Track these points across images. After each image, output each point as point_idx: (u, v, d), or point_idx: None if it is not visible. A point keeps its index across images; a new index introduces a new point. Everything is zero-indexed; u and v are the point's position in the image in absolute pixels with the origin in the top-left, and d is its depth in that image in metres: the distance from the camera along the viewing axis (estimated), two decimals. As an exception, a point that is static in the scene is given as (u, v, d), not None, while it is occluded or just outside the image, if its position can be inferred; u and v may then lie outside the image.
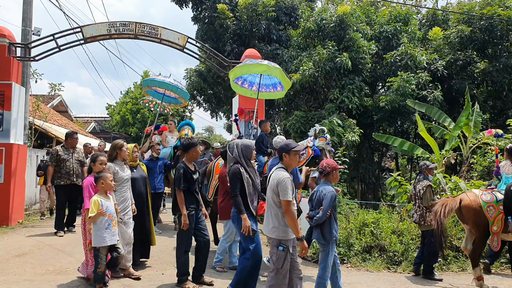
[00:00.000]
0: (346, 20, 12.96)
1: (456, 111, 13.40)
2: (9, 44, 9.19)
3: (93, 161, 4.90)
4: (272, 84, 7.43)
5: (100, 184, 4.60)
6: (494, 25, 13.22)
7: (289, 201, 3.73)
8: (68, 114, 22.75)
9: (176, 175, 4.80)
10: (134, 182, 5.36)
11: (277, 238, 3.83)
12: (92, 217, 4.44)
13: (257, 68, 6.57)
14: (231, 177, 4.41)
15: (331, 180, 4.50)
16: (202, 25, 16.28)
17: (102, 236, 4.49)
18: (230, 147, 4.62)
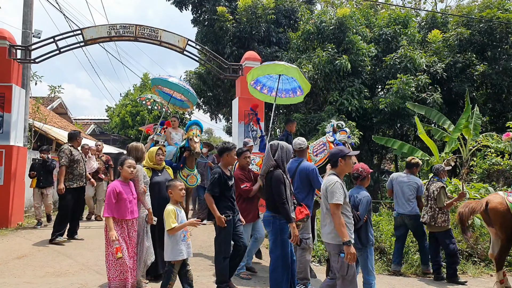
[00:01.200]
0: (346, 23, 12.98)
1: (456, 113, 13.41)
2: (9, 46, 9.21)
3: (121, 164, 4.54)
4: (292, 89, 7.21)
5: (169, 193, 4.32)
6: (493, 28, 13.26)
7: (337, 204, 3.67)
8: (68, 116, 22.76)
9: (211, 179, 4.66)
10: (159, 187, 5.04)
11: (337, 243, 3.74)
12: (173, 229, 4.08)
13: (274, 69, 6.34)
14: (276, 183, 4.28)
15: (364, 184, 4.54)
16: (202, 28, 16.29)
17: (179, 248, 4.11)
18: (273, 149, 4.46)
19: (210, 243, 7.48)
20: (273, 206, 4.35)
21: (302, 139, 5.38)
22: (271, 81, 7.09)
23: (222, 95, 17.73)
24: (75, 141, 7.70)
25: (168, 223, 4.09)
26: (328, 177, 3.88)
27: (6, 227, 8.45)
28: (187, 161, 7.31)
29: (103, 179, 10.18)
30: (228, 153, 4.82)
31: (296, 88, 7.07)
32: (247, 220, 5.13)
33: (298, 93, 7.13)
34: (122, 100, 26.77)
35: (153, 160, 5.17)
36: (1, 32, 9.23)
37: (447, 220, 5.84)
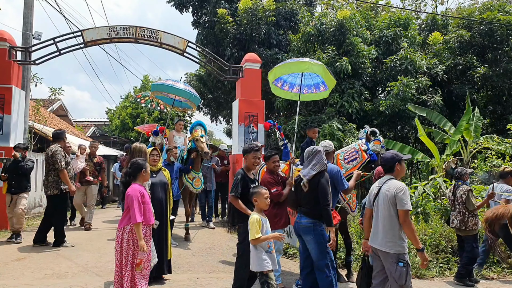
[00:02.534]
0: (346, 25, 12.99)
1: (456, 115, 13.40)
2: (9, 48, 9.20)
3: (141, 169, 4.27)
4: (314, 84, 6.93)
5: (253, 201, 4.06)
6: (494, 30, 13.26)
7: (408, 210, 3.58)
8: (68, 118, 22.75)
9: (234, 181, 4.55)
10: (153, 188, 4.95)
11: (396, 253, 3.61)
12: (257, 239, 3.84)
13: (298, 66, 6.04)
14: (324, 186, 4.19)
15: None
16: (202, 30, 16.31)
17: (264, 258, 3.86)
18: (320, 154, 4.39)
19: (211, 245, 7.46)
20: (314, 213, 4.24)
21: (329, 142, 5.28)
22: (292, 77, 6.78)
23: (222, 97, 17.74)
24: (62, 141, 7.31)
25: (252, 233, 3.86)
26: (393, 182, 3.74)
27: (6, 228, 8.40)
28: (194, 163, 7.20)
29: (93, 182, 9.17)
30: (247, 155, 4.72)
31: (319, 83, 6.81)
32: (279, 226, 4.91)
33: (321, 88, 6.84)
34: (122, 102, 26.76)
35: (148, 160, 5.01)
36: (1, 33, 9.22)
37: (477, 223, 5.85)
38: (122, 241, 4.01)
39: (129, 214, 4.01)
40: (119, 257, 4.01)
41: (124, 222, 4.05)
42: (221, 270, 5.90)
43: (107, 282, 5.07)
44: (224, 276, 5.55)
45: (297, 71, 6.23)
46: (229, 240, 7.97)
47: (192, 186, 7.23)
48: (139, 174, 4.23)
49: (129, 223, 4.01)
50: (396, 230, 3.63)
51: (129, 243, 4.01)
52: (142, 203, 4.09)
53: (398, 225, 3.62)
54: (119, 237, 4.05)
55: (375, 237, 3.78)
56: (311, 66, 5.94)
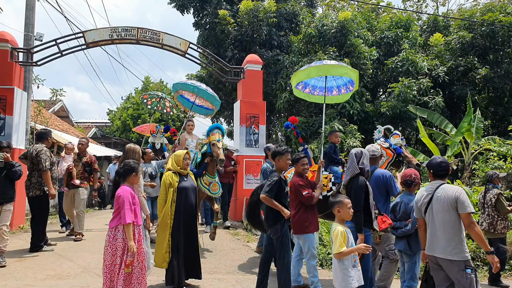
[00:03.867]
0: (347, 26, 13.01)
1: (458, 117, 13.40)
2: (11, 49, 9.22)
3: (135, 171, 4.20)
4: (341, 85, 6.74)
5: (336, 211, 3.76)
6: (495, 31, 13.27)
7: (471, 213, 3.45)
8: (69, 119, 22.77)
9: (268, 181, 4.46)
10: (186, 193, 4.80)
11: (462, 260, 3.43)
12: (341, 253, 3.53)
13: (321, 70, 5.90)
14: (356, 190, 4.11)
15: (414, 191, 4.47)
16: (203, 31, 16.34)
17: (350, 275, 3.55)
18: (357, 157, 4.32)
19: (213, 247, 7.45)
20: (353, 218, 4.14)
21: (376, 147, 5.19)
22: (315, 80, 6.60)
23: (223, 98, 17.73)
24: (46, 141, 6.90)
25: (336, 246, 3.54)
26: (449, 186, 3.64)
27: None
28: (208, 167, 6.89)
29: (80, 185, 7.84)
30: (280, 158, 4.64)
31: (346, 84, 6.62)
32: (309, 230, 4.79)
33: (350, 88, 6.65)
34: (123, 103, 26.81)
35: (180, 164, 4.89)
36: (3, 35, 9.25)
37: (507, 227, 5.83)
38: (116, 241, 3.92)
39: (119, 214, 3.95)
40: (110, 258, 3.90)
41: (115, 222, 3.97)
42: (223, 271, 5.90)
43: (109, 283, 5.08)
44: (226, 278, 5.56)
45: (321, 75, 6.08)
46: (230, 241, 7.96)
47: (209, 192, 6.90)
48: (129, 176, 4.15)
49: (120, 222, 3.95)
50: (459, 236, 3.47)
51: (124, 243, 3.92)
52: (133, 204, 4.04)
53: (461, 230, 3.47)
54: (110, 237, 3.96)
55: (434, 246, 3.58)
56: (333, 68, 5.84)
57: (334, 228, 3.65)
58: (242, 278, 5.61)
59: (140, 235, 4.16)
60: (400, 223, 4.38)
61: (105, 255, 3.94)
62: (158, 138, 9.38)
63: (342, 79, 6.52)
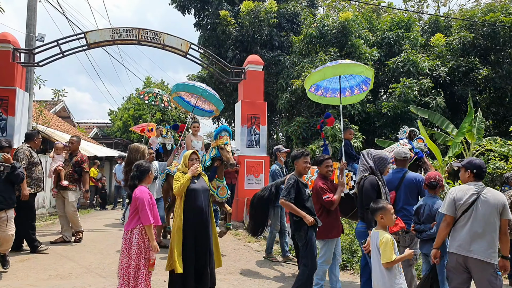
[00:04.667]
0: (348, 27, 13.02)
1: (459, 117, 13.40)
2: (13, 50, 9.25)
3: (147, 171, 4.13)
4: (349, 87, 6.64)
5: (379, 218, 3.65)
6: (496, 32, 13.26)
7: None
8: (71, 119, 22.80)
9: (286, 185, 4.38)
10: (195, 195, 4.51)
11: (496, 263, 3.52)
12: (392, 261, 3.44)
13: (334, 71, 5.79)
14: (367, 189, 4.08)
15: (437, 193, 4.46)
16: (204, 32, 16.37)
17: (399, 283, 3.48)
18: (366, 156, 4.30)
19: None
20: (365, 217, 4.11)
21: (406, 148, 5.09)
22: (326, 81, 6.49)
23: (224, 99, 17.73)
24: (32, 142, 6.76)
25: (387, 255, 3.44)
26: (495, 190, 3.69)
27: None
28: (217, 171, 6.69)
29: (69, 187, 7.41)
30: (296, 161, 4.57)
31: (359, 84, 6.52)
32: (332, 235, 4.66)
33: (363, 87, 6.53)
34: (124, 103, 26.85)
35: (187, 164, 4.67)
36: (5, 36, 9.28)
37: None
38: (131, 244, 3.87)
39: (137, 216, 3.92)
40: (127, 261, 3.85)
41: (132, 225, 3.91)
42: (224, 272, 5.90)
43: (111, 283, 5.09)
44: (227, 278, 5.57)
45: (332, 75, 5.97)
46: (231, 242, 7.97)
47: (217, 196, 6.64)
48: (146, 176, 4.11)
49: (137, 225, 3.91)
50: (497, 240, 3.55)
51: (139, 245, 3.89)
52: (152, 205, 3.99)
53: (497, 234, 3.55)
54: (127, 240, 3.90)
55: (472, 247, 3.55)
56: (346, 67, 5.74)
57: (381, 235, 3.53)
58: (243, 279, 5.62)
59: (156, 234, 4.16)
60: (424, 226, 4.32)
61: (122, 257, 3.90)
62: (168, 139, 9.17)
63: (355, 79, 6.43)
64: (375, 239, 3.57)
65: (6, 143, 5.75)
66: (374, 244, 3.59)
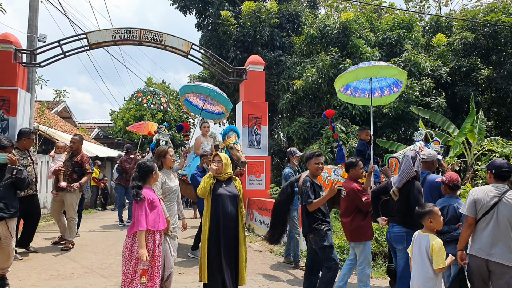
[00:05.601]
0: (350, 27, 13.01)
1: (460, 117, 13.38)
2: (15, 50, 9.27)
3: (151, 171, 3.96)
4: (379, 88, 6.62)
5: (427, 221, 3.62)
6: (498, 32, 13.25)
7: None
8: (72, 120, 22.84)
9: (303, 189, 4.34)
10: (221, 200, 4.19)
11: None
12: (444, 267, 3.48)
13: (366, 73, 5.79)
14: (416, 197, 4.07)
15: (456, 194, 4.47)
16: (205, 32, 16.39)
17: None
18: (412, 159, 4.26)
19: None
20: (406, 221, 4.07)
21: (430, 151, 5.11)
22: (357, 81, 6.45)
23: (225, 99, 17.78)
24: (20, 141, 6.15)
25: (442, 259, 3.43)
26: None
27: None
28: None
29: (67, 189, 6.96)
30: (310, 161, 4.53)
31: (390, 85, 6.51)
32: (367, 237, 4.67)
33: (394, 89, 6.52)
34: (126, 104, 26.89)
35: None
36: (7, 36, 9.30)
37: None
38: (133, 249, 3.71)
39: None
40: (127, 266, 3.70)
41: (134, 229, 3.73)
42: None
43: (112, 283, 5.10)
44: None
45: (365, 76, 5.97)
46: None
47: None
48: (149, 177, 3.94)
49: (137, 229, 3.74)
50: None
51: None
52: (152, 208, 3.79)
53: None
54: (128, 243, 3.76)
55: (493, 250, 3.55)
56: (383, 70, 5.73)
57: (432, 239, 3.49)
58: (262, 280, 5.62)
59: (160, 241, 3.89)
60: (448, 227, 4.28)
61: (123, 262, 3.76)
62: (163, 135, 9.00)
63: (385, 81, 6.39)
64: (425, 242, 3.52)
65: (7, 142, 5.05)
66: (421, 248, 3.54)
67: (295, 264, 6.47)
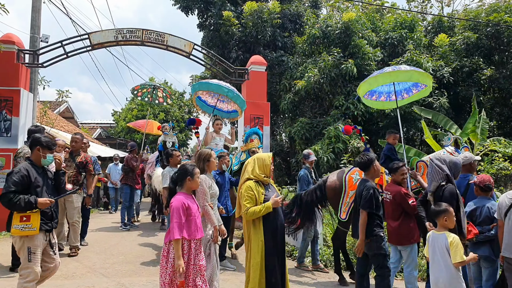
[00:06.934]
0: (352, 27, 12.99)
1: (463, 118, 13.34)
2: (17, 51, 9.30)
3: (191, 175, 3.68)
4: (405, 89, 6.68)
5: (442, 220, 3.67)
6: (500, 32, 13.21)
7: None
8: (74, 120, 22.90)
9: (367, 195, 4.24)
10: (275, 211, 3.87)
11: None
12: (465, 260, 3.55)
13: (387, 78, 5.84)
14: (448, 198, 4.05)
15: (488, 195, 4.53)
16: (207, 32, 16.40)
17: (462, 282, 3.58)
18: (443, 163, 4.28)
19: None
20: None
21: (466, 153, 5.13)
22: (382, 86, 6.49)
23: (227, 99, 17.78)
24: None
25: (460, 254, 3.51)
26: None
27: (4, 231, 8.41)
28: None
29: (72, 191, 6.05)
30: (375, 165, 4.47)
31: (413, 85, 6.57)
32: (414, 240, 4.70)
33: (414, 91, 6.60)
34: (128, 104, 26.94)
35: (267, 171, 3.96)
36: (10, 36, 9.33)
37: None
38: (168, 256, 3.53)
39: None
40: (164, 274, 3.52)
41: (170, 237, 3.53)
42: (228, 271, 5.91)
43: (115, 283, 5.11)
44: (230, 278, 5.58)
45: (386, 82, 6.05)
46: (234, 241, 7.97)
47: None
48: (184, 181, 3.68)
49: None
50: None
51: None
52: (188, 216, 3.57)
53: None
54: (165, 250, 3.57)
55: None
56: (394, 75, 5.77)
57: (449, 236, 3.58)
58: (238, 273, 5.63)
59: (197, 250, 3.67)
60: (482, 228, 4.34)
61: (160, 270, 3.59)
62: (170, 136, 8.82)
63: (406, 83, 6.48)
64: (442, 241, 3.60)
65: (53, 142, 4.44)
66: (440, 247, 3.61)
67: (299, 263, 6.46)
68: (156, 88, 10.94)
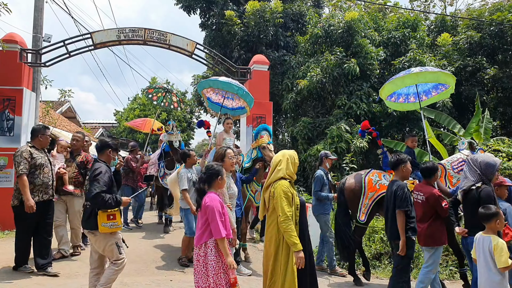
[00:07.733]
0: (354, 26, 12.96)
1: (466, 117, 13.30)
2: (20, 50, 9.30)
3: (217, 175, 3.70)
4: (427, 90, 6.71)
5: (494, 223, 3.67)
6: (504, 31, 13.16)
7: None
8: (77, 120, 22.94)
9: (403, 195, 4.27)
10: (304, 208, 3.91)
11: None
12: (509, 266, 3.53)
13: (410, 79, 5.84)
14: (486, 200, 4.06)
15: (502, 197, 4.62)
16: (210, 32, 16.41)
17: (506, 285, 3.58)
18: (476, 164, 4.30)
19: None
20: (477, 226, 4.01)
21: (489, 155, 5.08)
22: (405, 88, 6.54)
23: (230, 99, 17.76)
24: (37, 139, 5.53)
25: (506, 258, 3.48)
26: None
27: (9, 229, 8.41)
28: (261, 173, 6.30)
29: (74, 193, 6.33)
30: (405, 165, 4.50)
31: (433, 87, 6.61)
32: (442, 242, 4.67)
33: (442, 88, 6.59)
34: (130, 104, 26.97)
35: (296, 169, 3.89)
36: (12, 36, 9.33)
37: None
38: (208, 260, 3.43)
39: (209, 228, 3.47)
40: (204, 280, 3.42)
41: (205, 238, 3.46)
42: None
43: (117, 283, 5.09)
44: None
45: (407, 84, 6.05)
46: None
47: (254, 201, 6.38)
48: (214, 181, 3.68)
49: (211, 237, 3.46)
50: None
51: (218, 260, 3.44)
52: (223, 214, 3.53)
53: None
54: (200, 255, 3.48)
55: None
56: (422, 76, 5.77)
57: (494, 240, 3.58)
58: (249, 278, 5.61)
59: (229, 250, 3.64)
60: None
61: (198, 276, 3.46)
62: (175, 136, 8.73)
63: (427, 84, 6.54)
64: (487, 243, 3.60)
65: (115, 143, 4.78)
66: (484, 249, 3.61)
67: (331, 270, 6.21)
68: (170, 92, 10.88)
